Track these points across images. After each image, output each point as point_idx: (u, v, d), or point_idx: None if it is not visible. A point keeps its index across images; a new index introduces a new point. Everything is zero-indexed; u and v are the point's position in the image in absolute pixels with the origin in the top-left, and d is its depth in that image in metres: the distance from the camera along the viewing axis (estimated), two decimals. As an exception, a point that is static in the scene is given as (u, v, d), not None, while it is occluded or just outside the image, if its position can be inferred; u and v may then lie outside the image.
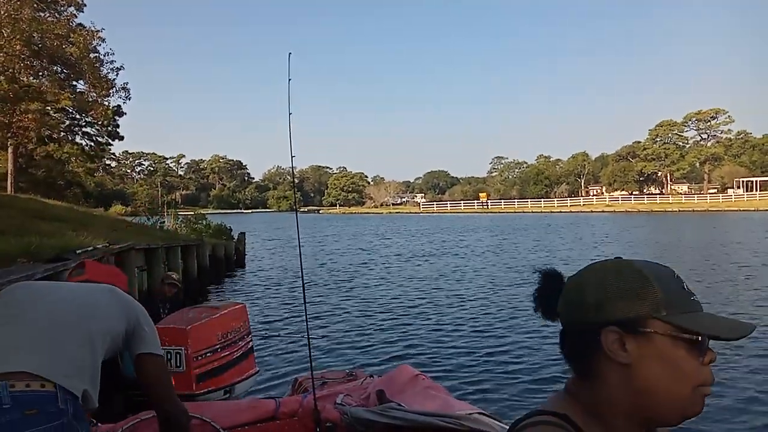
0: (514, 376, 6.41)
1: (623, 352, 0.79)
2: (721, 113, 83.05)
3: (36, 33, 22.90)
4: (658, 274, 0.81)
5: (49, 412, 1.47)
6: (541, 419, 0.82)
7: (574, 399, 0.85)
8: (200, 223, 20.91)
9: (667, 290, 0.80)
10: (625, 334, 0.79)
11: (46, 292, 1.78)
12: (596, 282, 0.83)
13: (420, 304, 11.32)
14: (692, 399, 0.77)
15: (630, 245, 24.05)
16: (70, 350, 1.62)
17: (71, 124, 30.74)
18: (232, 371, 3.91)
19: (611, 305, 0.80)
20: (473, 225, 45.62)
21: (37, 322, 1.64)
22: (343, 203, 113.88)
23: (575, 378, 0.87)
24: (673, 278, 0.82)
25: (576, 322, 0.84)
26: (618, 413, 0.81)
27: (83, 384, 1.61)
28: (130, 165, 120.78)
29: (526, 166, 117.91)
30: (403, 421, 2.21)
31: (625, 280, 0.81)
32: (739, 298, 11.21)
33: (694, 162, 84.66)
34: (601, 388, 0.82)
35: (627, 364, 0.79)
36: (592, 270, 0.86)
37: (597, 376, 0.82)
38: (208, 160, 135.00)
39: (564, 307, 0.87)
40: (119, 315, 1.81)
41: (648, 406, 0.79)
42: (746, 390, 5.88)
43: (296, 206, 3.20)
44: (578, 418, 0.82)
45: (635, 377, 0.79)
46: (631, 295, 0.80)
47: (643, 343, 0.78)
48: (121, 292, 1.94)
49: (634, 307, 0.79)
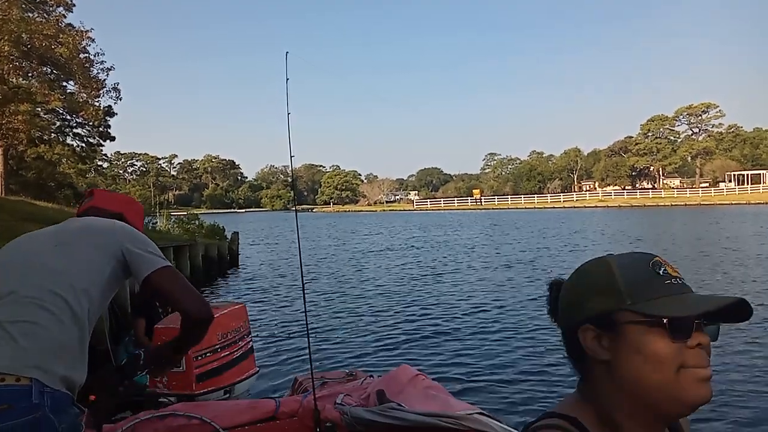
0: (514, 376, 6.39)
1: (601, 349, 0.80)
2: (712, 107, 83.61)
3: (25, 33, 22.70)
4: (627, 264, 0.81)
5: (22, 407, 1.43)
6: (551, 422, 0.82)
7: (584, 402, 0.85)
8: (193, 223, 20.80)
9: (632, 279, 0.79)
10: (600, 330, 0.80)
11: (17, 263, 1.69)
12: (573, 283, 0.86)
13: (420, 303, 11.30)
14: (682, 383, 0.75)
15: (639, 241, 24.15)
16: (49, 332, 1.55)
17: (62, 125, 30.55)
18: (232, 371, 3.91)
19: (584, 303, 0.82)
20: (468, 222, 45.69)
21: (9, 307, 1.56)
22: (336, 202, 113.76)
23: (580, 380, 0.88)
24: (645, 265, 0.81)
25: (564, 325, 0.87)
26: (619, 413, 0.80)
27: (65, 369, 1.55)
28: (122, 166, 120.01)
29: (519, 162, 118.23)
30: (403, 421, 2.21)
31: (594, 276, 0.83)
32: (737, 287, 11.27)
33: (686, 156, 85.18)
34: (597, 389, 0.82)
35: (607, 360, 0.80)
36: (574, 272, 0.88)
37: (592, 377, 0.83)
38: (200, 159, 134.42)
39: (557, 312, 0.89)
40: (102, 260, 1.71)
41: (639, 398, 0.78)
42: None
43: (296, 206, 3.15)
44: (589, 420, 0.82)
45: (617, 371, 0.79)
46: (599, 290, 0.81)
47: (617, 336, 0.79)
48: (101, 226, 1.81)
49: (603, 302, 0.80)
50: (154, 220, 20.98)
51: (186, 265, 14.64)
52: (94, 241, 1.75)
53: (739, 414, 5.03)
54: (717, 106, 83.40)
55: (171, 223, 20.76)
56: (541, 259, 18.05)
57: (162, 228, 19.44)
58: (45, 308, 1.58)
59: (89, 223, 1.87)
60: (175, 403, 2.50)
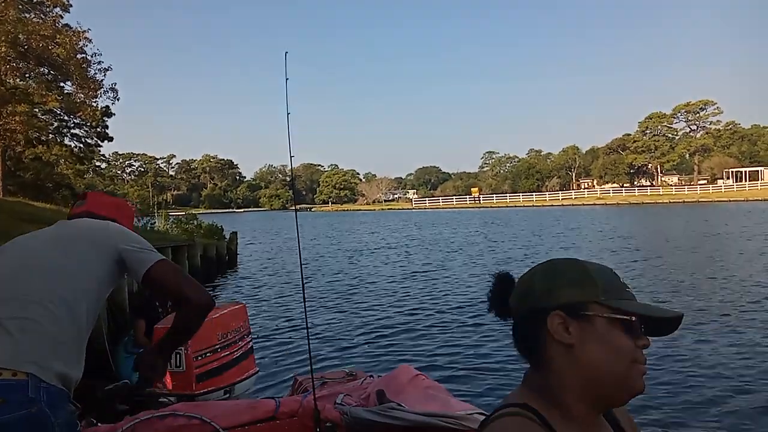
0: (515, 377, 6.39)
1: (567, 334, 0.89)
2: (709, 104, 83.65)
3: (22, 34, 22.63)
4: (598, 269, 0.94)
5: (18, 401, 1.45)
6: (503, 412, 0.90)
7: (531, 389, 0.93)
8: (191, 223, 20.77)
9: (605, 280, 0.92)
10: (569, 317, 0.90)
11: (15, 262, 1.71)
12: (545, 273, 0.95)
13: (420, 303, 11.29)
14: (630, 375, 0.87)
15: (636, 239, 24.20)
16: (46, 329, 1.57)
17: (59, 125, 30.44)
18: (232, 371, 3.91)
19: (557, 292, 0.91)
20: (466, 220, 45.71)
21: (7, 304, 1.58)
22: (335, 201, 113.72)
23: (531, 370, 0.96)
24: (611, 273, 0.94)
25: (526, 310, 0.94)
26: (570, 395, 0.90)
27: (62, 366, 1.56)
28: (120, 166, 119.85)
29: (518, 160, 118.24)
30: (403, 421, 2.20)
31: (571, 271, 0.93)
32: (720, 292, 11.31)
33: (684, 153, 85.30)
34: (552, 373, 0.91)
35: (571, 345, 0.89)
36: (542, 265, 0.98)
37: (547, 362, 0.92)
38: (198, 159, 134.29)
39: (516, 298, 0.97)
40: (100, 260, 1.75)
41: (593, 382, 0.88)
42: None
43: (295, 206, 3.22)
44: (537, 404, 0.90)
45: (579, 356, 0.89)
46: (575, 283, 0.91)
47: (585, 325, 0.89)
48: (96, 228, 1.85)
49: (577, 294, 0.90)
50: (153, 221, 20.97)
51: (184, 265, 14.61)
52: (90, 241, 1.78)
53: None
54: (715, 103, 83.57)
55: (169, 223, 20.75)
56: (540, 256, 18.06)
57: (160, 228, 19.43)
58: (42, 305, 1.60)
59: (85, 224, 1.90)
60: (175, 403, 2.49)
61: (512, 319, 0.99)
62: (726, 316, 8.85)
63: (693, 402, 5.38)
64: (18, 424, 1.44)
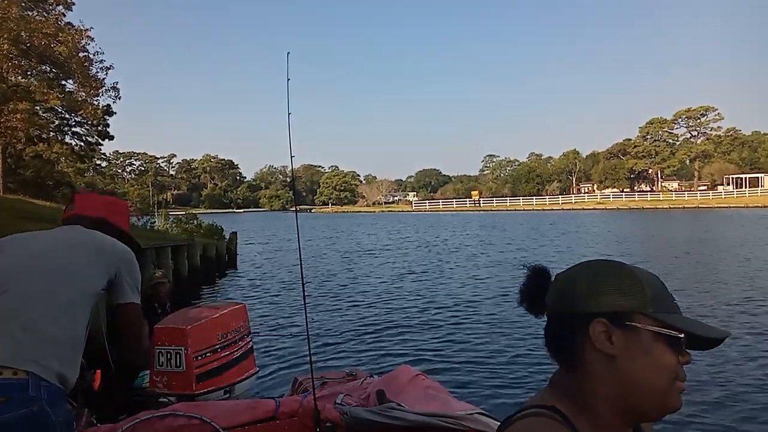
0: (515, 377, 6.40)
1: (609, 344, 0.84)
2: (710, 110, 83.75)
3: (24, 32, 22.66)
4: (647, 276, 0.88)
5: (20, 399, 1.46)
6: (530, 412, 0.86)
7: (560, 392, 0.88)
8: (191, 223, 20.77)
9: (654, 291, 0.86)
10: (613, 326, 0.84)
11: (18, 262, 1.72)
12: (590, 275, 0.88)
13: (420, 303, 11.31)
14: (670, 392, 0.83)
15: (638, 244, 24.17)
16: (46, 329, 1.59)
17: (60, 123, 30.43)
18: (232, 371, 3.89)
19: (602, 298, 0.85)
20: (467, 223, 45.69)
21: (8, 303, 1.60)
22: (335, 202, 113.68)
23: (561, 371, 0.91)
24: (659, 282, 0.88)
25: (566, 312, 0.88)
26: (603, 403, 0.85)
27: (60, 365, 1.58)
28: (121, 165, 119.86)
29: (518, 164, 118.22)
30: (403, 421, 2.20)
31: (618, 277, 0.87)
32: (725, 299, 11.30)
33: (684, 159, 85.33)
34: (586, 379, 0.86)
35: (612, 355, 0.84)
36: (587, 265, 0.91)
37: (582, 366, 0.86)
38: (199, 159, 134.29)
39: (554, 297, 0.91)
40: (100, 272, 1.78)
41: (630, 396, 0.83)
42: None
43: (296, 206, 3.16)
44: (565, 409, 0.85)
45: (619, 368, 0.83)
46: (622, 291, 0.85)
47: (629, 336, 0.83)
48: (103, 242, 1.87)
49: (624, 302, 0.85)
50: (152, 220, 20.97)
51: (184, 264, 14.58)
52: (97, 249, 1.82)
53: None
54: (716, 110, 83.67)
55: (169, 223, 20.75)
56: (547, 259, 18.03)
57: (160, 227, 19.43)
58: (44, 306, 1.62)
59: (97, 234, 1.91)
60: (175, 403, 2.49)
61: (545, 316, 0.93)
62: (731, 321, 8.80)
63: (702, 411, 5.31)
64: (19, 422, 1.45)
